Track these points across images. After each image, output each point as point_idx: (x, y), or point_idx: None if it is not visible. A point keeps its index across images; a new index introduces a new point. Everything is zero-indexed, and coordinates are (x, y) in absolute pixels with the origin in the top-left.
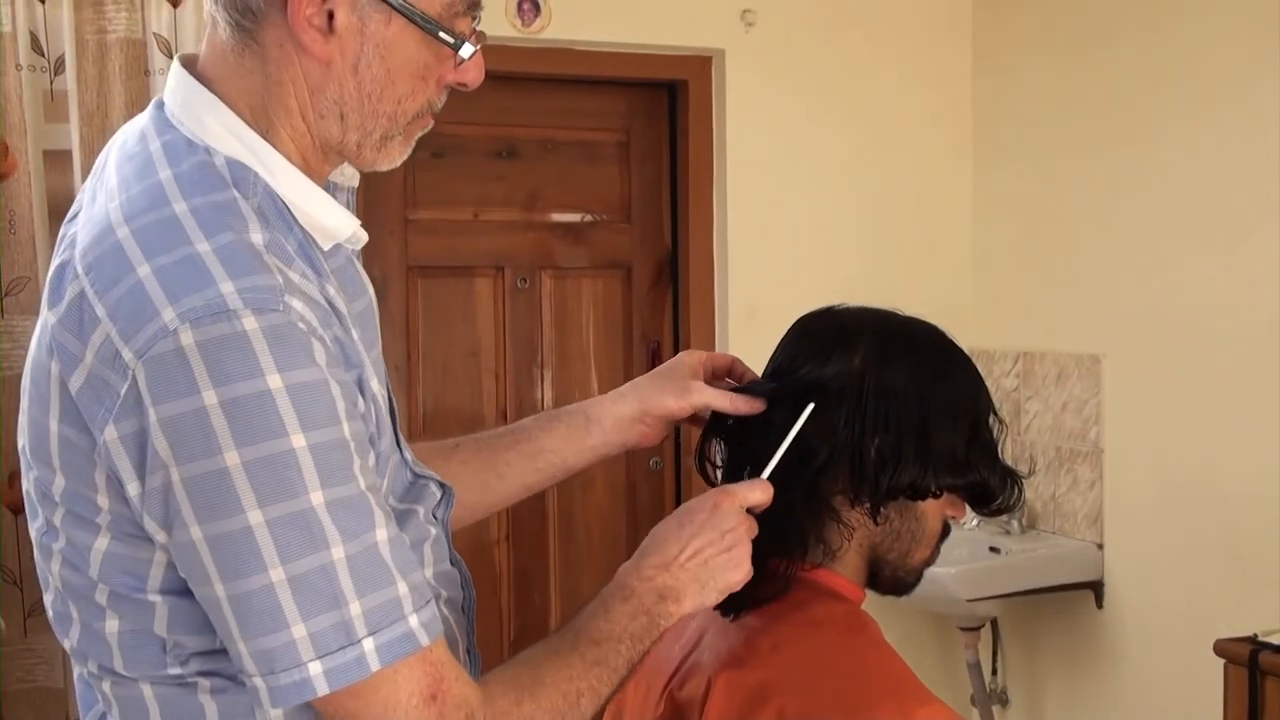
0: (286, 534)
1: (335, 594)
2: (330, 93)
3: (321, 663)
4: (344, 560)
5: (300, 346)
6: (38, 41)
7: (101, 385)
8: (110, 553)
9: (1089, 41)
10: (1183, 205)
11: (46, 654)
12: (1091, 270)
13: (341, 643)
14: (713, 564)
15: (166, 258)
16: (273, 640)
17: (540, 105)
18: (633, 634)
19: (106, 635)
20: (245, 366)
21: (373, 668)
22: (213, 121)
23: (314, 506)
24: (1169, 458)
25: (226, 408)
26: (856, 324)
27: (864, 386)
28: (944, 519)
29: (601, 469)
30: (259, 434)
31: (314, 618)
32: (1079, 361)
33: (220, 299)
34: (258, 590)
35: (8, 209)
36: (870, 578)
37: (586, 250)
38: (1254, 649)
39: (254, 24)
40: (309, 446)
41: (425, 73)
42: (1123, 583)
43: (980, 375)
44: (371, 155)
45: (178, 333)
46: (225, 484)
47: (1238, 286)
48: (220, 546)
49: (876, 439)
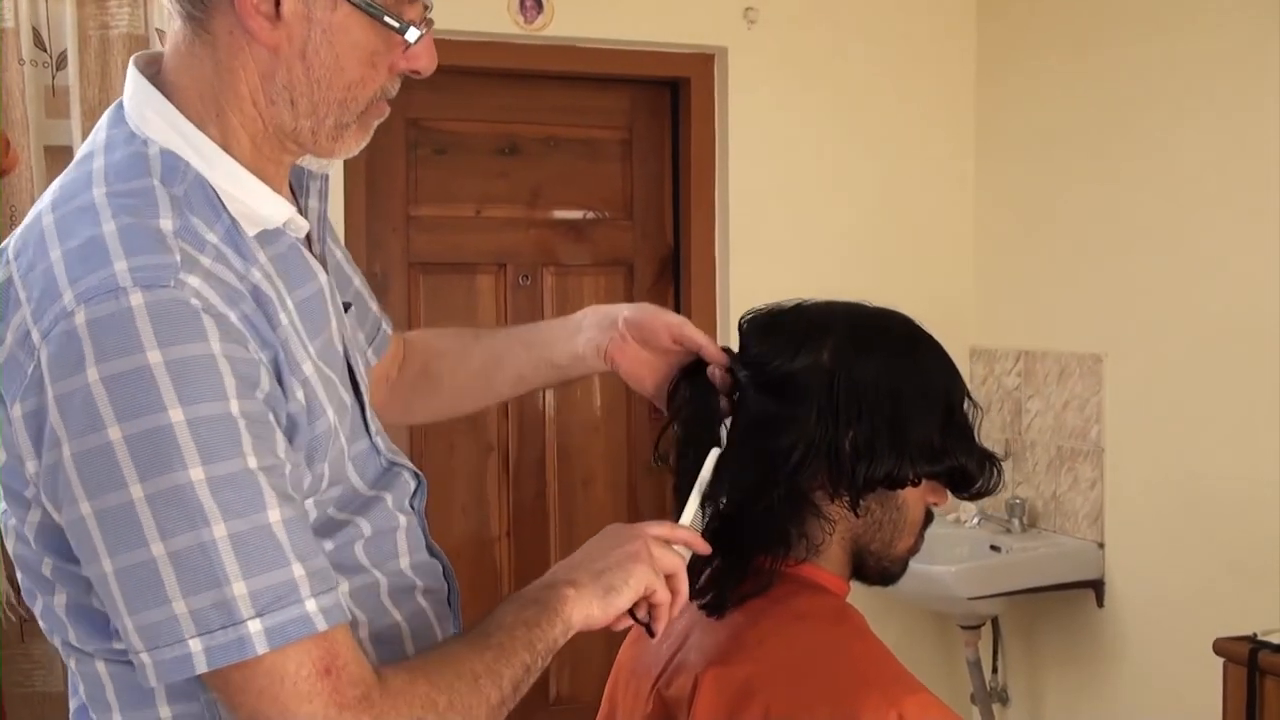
0: (165, 510)
1: (216, 572)
2: (279, 79)
3: (201, 640)
4: (225, 539)
5: (186, 322)
6: (40, 37)
7: (15, 365)
8: (43, 524)
9: (1093, 41)
10: (1185, 205)
11: (45, 659)
12: (1093, 269)
13: (223, 622)
14: (611, 568)
15: (74, 241)
16: (154, 615)
17: (542, 102)
18: (525, 620)
19: (57, 609)
20: (126, 343)
21: (258, 650)
22: (154, 115)
23: (192, 482)
24: (1170, 457)
25: (107, 383)
26: (824, 318)
27: (834, 380)
28: (926, 506)
29: (602, 467)
30: (138, 408)
31: (193, 595)
32: (1080, 360)
33: (112, 277)
34: (140, 564)
35: (9, 204)
36: (855, 570)
37: (588, 248)
38: (1253, 648)
39: (204, 13)
40: (187, 421)
41: (375, 59)
42: (1123, 581)
43: (951, 361)
44: (327, 144)
45: (73, 313)
46: (108, 459)
47: (1239, 286)
48: (105, 521)
49: (850, 432)
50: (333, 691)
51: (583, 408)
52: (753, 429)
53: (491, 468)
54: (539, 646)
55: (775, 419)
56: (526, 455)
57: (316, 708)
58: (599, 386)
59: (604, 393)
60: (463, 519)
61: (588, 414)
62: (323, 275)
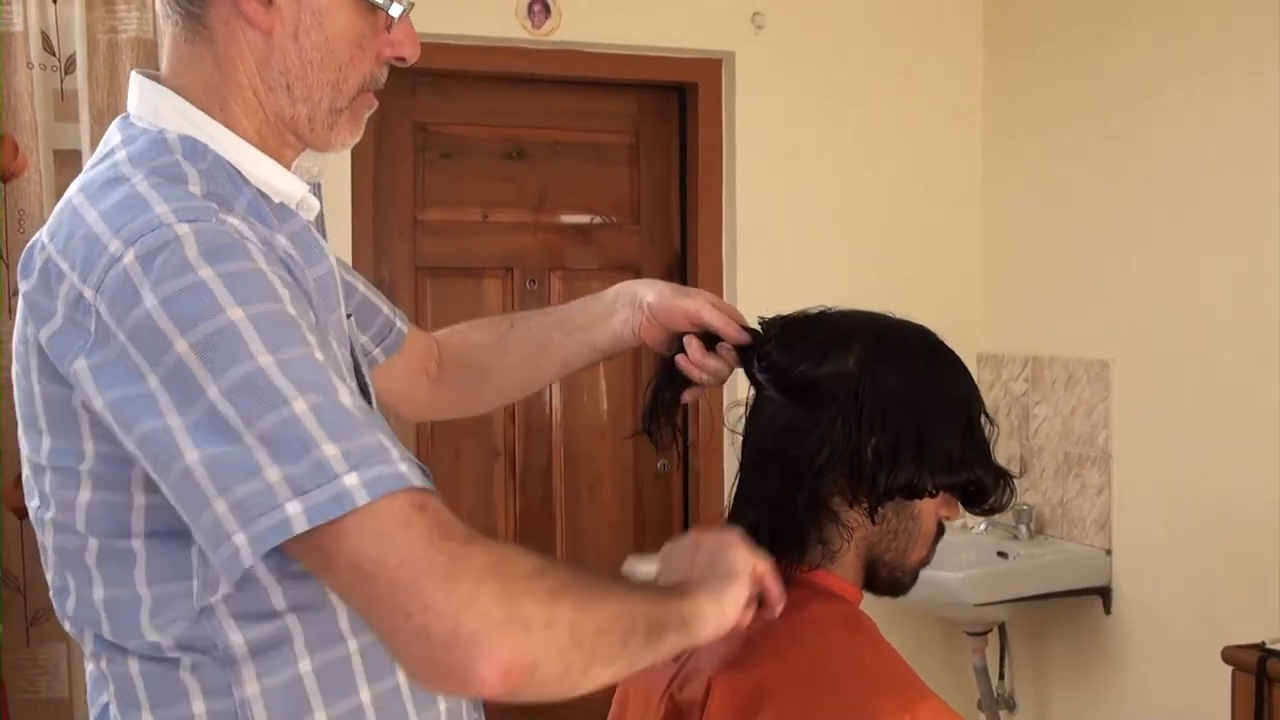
0: (244, 397)
1: (305, 440)
2: (275, 63)
3: (299, 501)
4: (307, 411)
5: (233, 245)
6: (49, 41)
7: (74, 328)
8: (93, 502)
9: (1098, 54)
10: (1192, 213)
11: (49, 664)
12: (1100, 276)
13: (318, 481)
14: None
15: (109, 202)
16: (247, 488)
17: (550, 107)
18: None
19: (95, 601)
20: (177, 267)
21: (357, 501)
22: (165, 108)
23: (262, 367)
24: (1177, 464)
25: (165, 304)
26: (850, 326)
27: (859, 387)
28: (938, 519)
29: (609, 471)
30: (198, 316)
31: (286, 463)
32: (1088, 367)
33: (155, 218)
34: (227, 450)
35: (17, 208)
36: (867, 579)
37: (595, 252)
38: (1262, 656)
39: (200, 8)
40: (247, 317)
41: (362, 41)
42: (1130, 588)
43: (971, 376)
44: (323, 132)
45: (122, 256)
46: (182, 370)
47: (1246, 293)
48: (193, 427)
49: (873, 439)
50: (433, 524)
51: (589, 412)
52: (777, 435)
53: (498, 472)
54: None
55: (799, 424)
56: (533, 460)
57: (417, 534)
58: (605, 391)
59: (610, 397)
60: (469, 523)
61: (594, 418)
62: (332, 258)
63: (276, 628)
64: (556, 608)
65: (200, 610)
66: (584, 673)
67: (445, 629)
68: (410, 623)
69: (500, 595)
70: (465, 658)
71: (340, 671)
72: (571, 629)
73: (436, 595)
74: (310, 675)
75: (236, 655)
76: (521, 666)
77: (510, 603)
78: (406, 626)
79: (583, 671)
